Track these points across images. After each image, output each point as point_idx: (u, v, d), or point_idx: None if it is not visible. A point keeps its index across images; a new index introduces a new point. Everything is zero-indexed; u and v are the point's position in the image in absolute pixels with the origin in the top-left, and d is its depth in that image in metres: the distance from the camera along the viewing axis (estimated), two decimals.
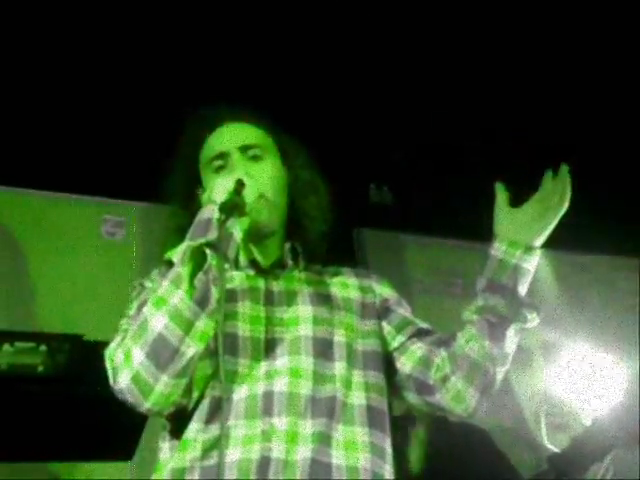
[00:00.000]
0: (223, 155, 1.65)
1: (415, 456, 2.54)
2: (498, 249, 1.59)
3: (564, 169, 1.60)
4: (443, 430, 2.41)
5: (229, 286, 1.52)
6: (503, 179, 1.67)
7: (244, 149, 1.65)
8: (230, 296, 1.51)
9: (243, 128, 1.70)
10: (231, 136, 1.67)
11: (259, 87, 2.88)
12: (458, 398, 1.56)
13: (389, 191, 3.83)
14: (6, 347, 2.77)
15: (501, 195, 1.64)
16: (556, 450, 2.41)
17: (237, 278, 1.59)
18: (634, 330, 3.07)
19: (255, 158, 1.65)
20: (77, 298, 3.15)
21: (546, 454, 2.35)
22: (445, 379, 1.56)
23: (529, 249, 1.58)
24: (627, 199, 3.61)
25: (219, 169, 1.64)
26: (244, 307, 1.53)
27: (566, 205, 1.59)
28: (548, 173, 1.61)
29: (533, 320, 1.58)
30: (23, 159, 3.09)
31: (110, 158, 3.13)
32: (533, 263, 1.58)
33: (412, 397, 1.62)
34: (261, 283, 1.60)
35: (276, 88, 2.98)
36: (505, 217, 1.62)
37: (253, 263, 1.63)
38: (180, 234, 1.52)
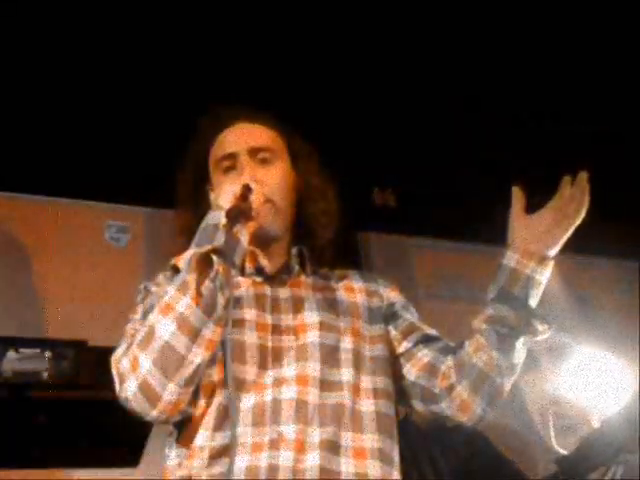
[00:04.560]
0: (232, 156, 1.63)
1: (419, 459, 2.53)
2: (511, 258, 1.54)
3: (582, 176, 1.53)
4: (448, 432, 2.40)
5: (235, 293, 1.51)
6: (510, 181, 1.60)
7: (253, 151, 1.63)
8: (237, 303, 1.50)
9: (254, 129, 1.68)
10: (241, 137, 1.66)
11: (263, 88, 2.88)
12: (463, 407, 1.54)
13: (393, 194, 3.82)
14: (11, 353, 2.76)
15: (518, 201, 1.58)
16: (564, 452, 2.40)
17: (243, 285, 1.58)
18: (635, 332, 3.06)
19: (264, 161, 1.64)
20: (81, 304, 3.15)
21: (554, 456, 2.34)
22: (451, 388, 1.54)
23: (543, 260, 1.52)
24: (627, 201, 3.59)
25: (228, 170, 1.63)
26: (251, 314, 1.52)
27: (583, 214, 1.53)
28: (566, 179, 1.54)
29: (544, 332, 1.53)
30: (26, 165, 3.09)
31: (114, 163, 3.13)
32: (546, 274, 1.53)
33: (417, 404, 1.60)
34: (267, 290, 1.59)
35: (280, 90, 2.97)
36: (520, 225, 1.56)
37: (259, 269, 1.62)
38: (187, 235, 1.52)
